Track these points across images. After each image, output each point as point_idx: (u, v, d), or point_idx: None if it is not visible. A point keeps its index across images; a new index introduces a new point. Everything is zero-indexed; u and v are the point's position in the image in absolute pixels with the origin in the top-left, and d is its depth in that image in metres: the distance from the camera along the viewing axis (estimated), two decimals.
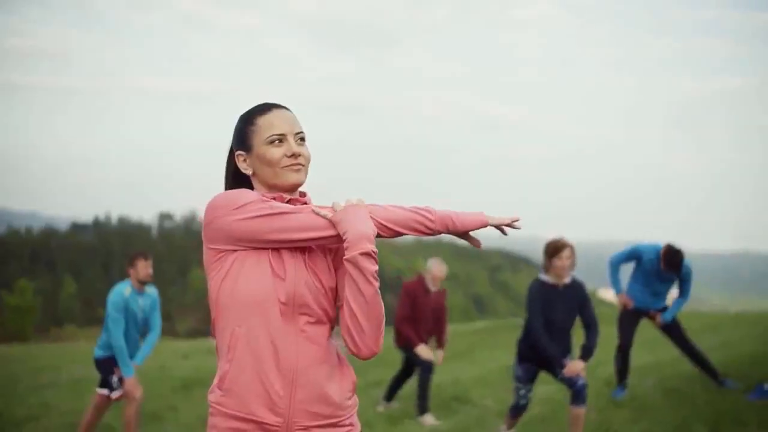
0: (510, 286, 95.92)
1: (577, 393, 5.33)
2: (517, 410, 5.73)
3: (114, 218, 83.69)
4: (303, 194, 2.26)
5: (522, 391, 5.60)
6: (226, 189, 2.31)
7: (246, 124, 2.23)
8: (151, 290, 6.46)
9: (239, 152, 2.24)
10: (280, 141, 2.17)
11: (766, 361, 7.77)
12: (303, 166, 2.19)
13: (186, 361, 14.34)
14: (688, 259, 6.89)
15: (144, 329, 6.46)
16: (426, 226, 2.18)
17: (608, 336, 7.08)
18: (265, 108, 2.23)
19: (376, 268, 2.08)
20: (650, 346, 9.65)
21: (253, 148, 2.19)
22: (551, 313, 5.38)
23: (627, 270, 7.20)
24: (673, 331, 7.13)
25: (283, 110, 2.23)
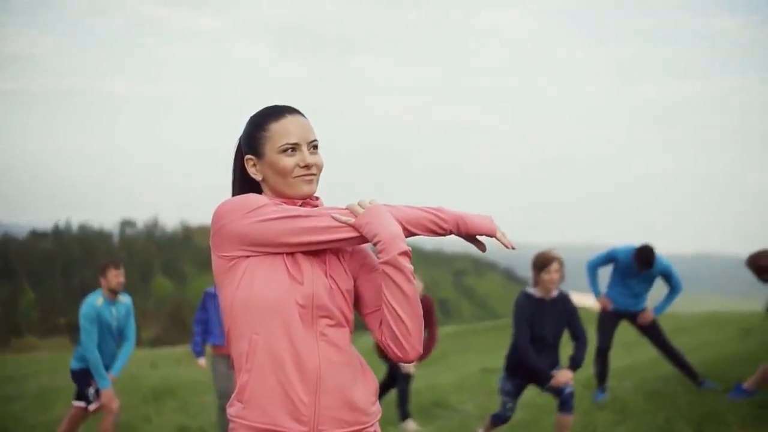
0: (474, 290, 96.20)
1: (565, 401, 5.31)
2: (500, 420, 5.68)
3: (74, 225, 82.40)
4: (315, 198, 2.18)
5: (509, 405, 5.56)
6: (234, 193, 2.22)
7: (258, 128, 2.14)
8: (125, 299, 6.33)
9: (249, 157, 2.16)
10: (294, 150, 2.10)
11: (741, 362, 7.82)
12: (315, 175, 2.13)
13: (155, 371, 14.13)
14: (662, 255, 6.94)
15: (120, 339, 6.33)
16: (439, 226, 2.13)
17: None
18: (278, 113, 2.14)
19: (412, 267, 2.03)
20: (627, 348, 9.70)
21: (265, 155, 2.11)
22: (540, 327, 5.32)
23: (606, 274, 7.21)
24: (652, 332, 7.16)
25: (298, 116, 2.15)
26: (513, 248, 2.20)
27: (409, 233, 2.10)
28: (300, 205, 2.11)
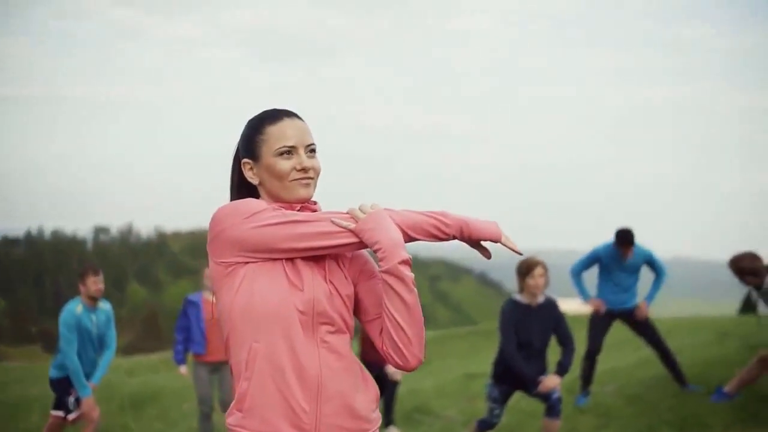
0: (450, 295, 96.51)
1: (552, 406, 5.32)
2: (486, 426, 5.67)
3: (47, 232, 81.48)
4: (313, 202, 2.16)
5: (497, 411, 5.55)
6: (232, 198, 2.19)
7: (255, 131, 2.11)
8: (105, 306, 6.24)
9: (246, 160, 2.13)
10: (290, 153, 2.07)
11: (719, 365, 7.88)
12: (312, 179, 2.10)
13: (132, 378, 13.95)
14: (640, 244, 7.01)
15: (100, 347, 6.24)
16: (442, 231, 2.10)
17: None
18: (276, 116, 2.12)
19: (413, 275, 2.00)
20: (608, 352, 9.71)
21: (262, 158, 2.09)
22: (527, 333, 5.33)
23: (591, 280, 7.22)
24: (647, 330, 7.16)
25: (295, 119, 2.12)
26: (520, 253, 2.17)
27: (411, 239, 2.07)
28: (298, 210, 2.08)
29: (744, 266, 5.86)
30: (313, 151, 2.11)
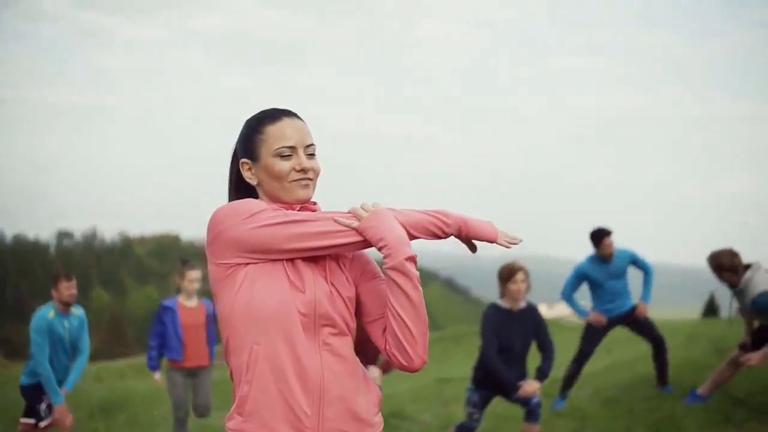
0: None
1: (532, 411, 5.33)
2: (466, 430, 5.67)
3: (8, 236, 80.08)
4: (313, 203, 2.13)
5: (476, 416, 5.56)
6: (230, 198, 2.16)
7: (254, 131, 2.08)
8: (77, 311, 6.15)
9: (244, 160, 2.10)
10: (290, 154, 2.04)
11: (689, 368, 7.96)
12: (311, 180, 2.07)
13: (100, 384, 13.82)
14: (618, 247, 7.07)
15: (72, 352, 6.14)
16: (442, 230, 2.09)
17: None
18: (275, 115, 2.08)
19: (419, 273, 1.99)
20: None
21: (260, 159, 2.06)
22: (509, 338, 5.33)
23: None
24: (647, 329, 7.20)
25: (295, 119, 2.09)
26: (519, 240, 2.17)
27: (413, 237, 2.05)
28: (298, 210, 2.06)
29: (723, 263, 5.86)
30: (312, 152, 2.08)
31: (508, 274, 5.34)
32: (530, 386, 5.29)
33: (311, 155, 2.08)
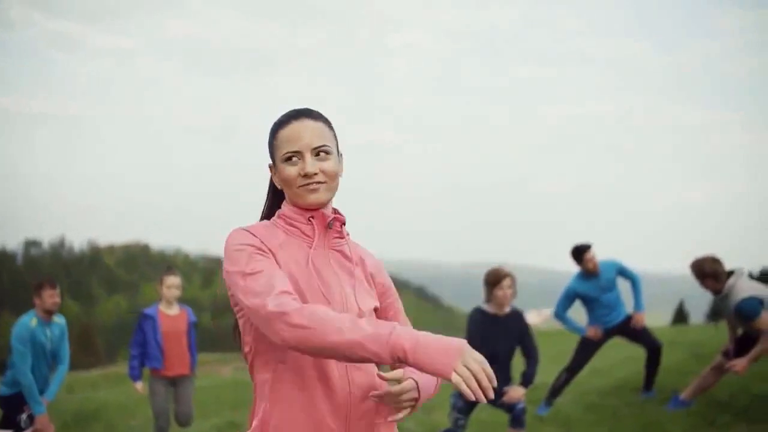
0: None
1: (516, 417, 5.33)
2: None
3: None
4: (336, 211, 2.08)
5: (461, 422, 5.55)
6: (265, 202, 2.15)
7: (271, 136, 2.04)
8: (59, 320, 6.07)
9: (270, 165, 2.07)
10: (296, 158, 1.98)
11: (668, 373, 8.03)
12: (322, 183, 1.97)
13: (72, 395, 13.60)
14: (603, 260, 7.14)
15: (53, 361, 6.05)
16: (371, 359, 1.77)
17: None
18: (286, 119, 2.02)
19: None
20: (561, 362, 9.85)
21: (276, 164, 2.03)
22: (494, 343, 5.34)
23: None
24: (644, 336, 7.23)
25: (304, 121, 2.00)
26: (486, 399, 1.73)
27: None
28: (311, 217, 2.01)
29: (706, 269, 5.90)
30: (324, 152, 1.98)
31: (494, 279, 5.35)
32: (515, 392, 5.29)
33: (323, 156, 1.98)
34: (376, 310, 2.08)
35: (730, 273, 5.91)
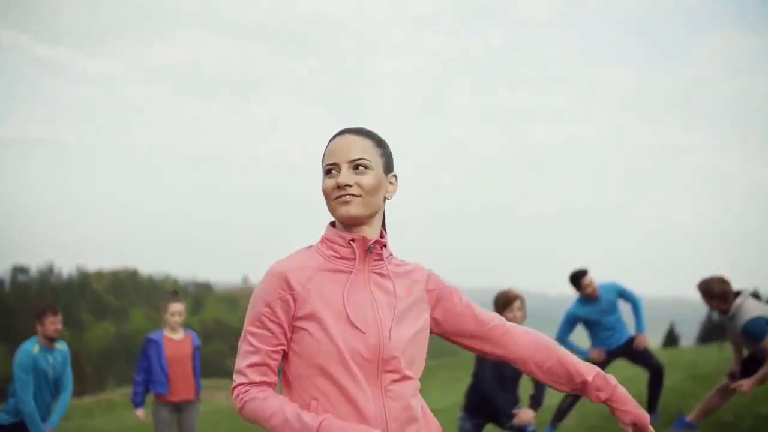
0: None
1: None
2: None
3: None
4: (381, 237, 2.05)
5: None
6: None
7: (324, 152, 2.04)
8: (62, 346, 6.04)
9: None
10: (334, 170, 1.96)
11: (666, 394, 8.04)
12: (355, 196, 1.93)
13: (68, 423, 13.44)
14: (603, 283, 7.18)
15: (55, 389, 5.99)
16: None
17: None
18: (334, 135, 2.03)
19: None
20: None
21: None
22: (502, 365, 5.31)
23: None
24: (646, 358, 7.23)
25: (347, 136, 2.00)
26: None
27: None
28: (351, 240, 1.97)
29: (714, 290, 5.90)
30: (362, 166, 1.95)
31: (504, 301, 5.36)
32: (525, 414, 5.28)
33: (359, 170, 1.95)
34: (427, 326, 2.06)
35: (737, 293, 5.93)
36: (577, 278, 7.09)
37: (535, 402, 5.41)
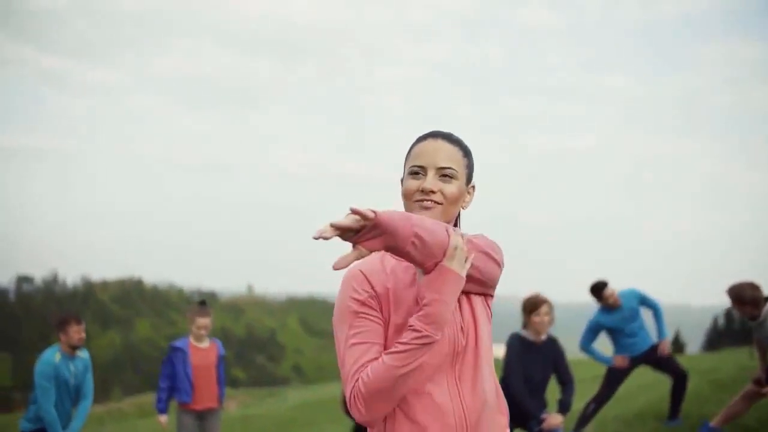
0: None
1: None
2: None
3: None
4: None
5: None
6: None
7: (408, 151, 2.06)
8: (83, 354, 6.04)
9: (401, 180, 2.07)
10: (419, 173, 1.97)
11: (688, 401, 8.01)
12: (437, 203, 1.95)
13: None
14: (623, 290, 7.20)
15: (76, 397, 5.99)
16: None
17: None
18: (423, 137, 2.05)
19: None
20: (582, 391, 9.82)
21: (403, 176, 2.04)
22: (530, 369, 5.36)
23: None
24: (670, 364, 7.27)
25: (437, 141, 2.01)
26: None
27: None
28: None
29: (745, 296, 5.87)
30: (449, 175, 1.97)
31: (532, 306, 5.37)
32: (554, 419, 5.28)
33: (446, 179, 1.97)
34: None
35: (767, 299, 5.90)
36: (599, 290, 7.11)
37: (564, 406, 5.41)
